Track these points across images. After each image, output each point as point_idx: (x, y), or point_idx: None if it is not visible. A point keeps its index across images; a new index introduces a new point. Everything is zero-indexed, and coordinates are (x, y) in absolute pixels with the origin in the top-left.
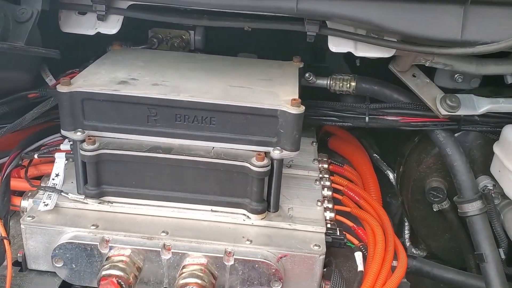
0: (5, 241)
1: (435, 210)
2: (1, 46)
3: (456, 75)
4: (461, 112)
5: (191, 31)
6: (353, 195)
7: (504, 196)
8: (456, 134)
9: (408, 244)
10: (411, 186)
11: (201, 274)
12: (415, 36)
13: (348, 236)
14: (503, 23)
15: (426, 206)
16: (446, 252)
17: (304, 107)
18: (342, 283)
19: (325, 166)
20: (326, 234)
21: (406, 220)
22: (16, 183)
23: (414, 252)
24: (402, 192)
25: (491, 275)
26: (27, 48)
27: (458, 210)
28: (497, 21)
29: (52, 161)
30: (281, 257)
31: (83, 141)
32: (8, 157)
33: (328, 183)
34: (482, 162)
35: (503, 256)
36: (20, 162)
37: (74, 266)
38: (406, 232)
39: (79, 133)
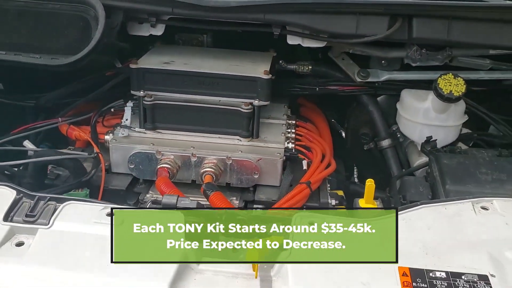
0: (100, 155)
1: (365, 149)
2: (110, 41)
3: (382, 61)
4: (370, 79)
5: (204, 35)
6: (310, 138)
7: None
8: (378, 98)
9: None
10: (351, 135)
11: (214, 167)
12: (329, 32)
13: (301, 155)
14: (379, 24)
15: (361, 148)
16: (377, 183)
17: (271, 75)
18: (291, 176)
19: (293, 121)
20: (284, 150)
21: (355, 165)
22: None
23: None
24: (347, 141)
25: (396, 183)
26: (117, 42)
27: (378, 146)
28: (375, 22)
29: (116, 117)
30: (258, 160)
31: (144, 96)
32: (92, 113)
33: (293, 130)
34: (393, 116)
35: None
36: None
37: (141, 167)
38: (355, 173)
39: (142, 92)
